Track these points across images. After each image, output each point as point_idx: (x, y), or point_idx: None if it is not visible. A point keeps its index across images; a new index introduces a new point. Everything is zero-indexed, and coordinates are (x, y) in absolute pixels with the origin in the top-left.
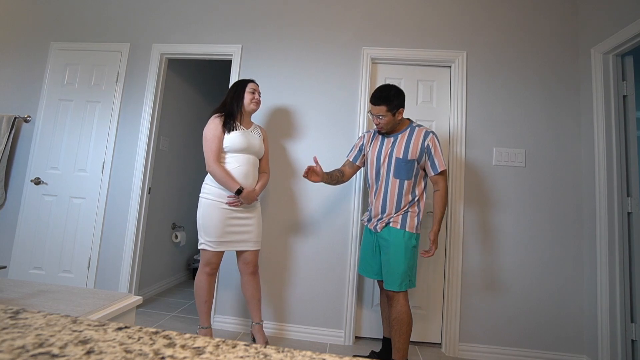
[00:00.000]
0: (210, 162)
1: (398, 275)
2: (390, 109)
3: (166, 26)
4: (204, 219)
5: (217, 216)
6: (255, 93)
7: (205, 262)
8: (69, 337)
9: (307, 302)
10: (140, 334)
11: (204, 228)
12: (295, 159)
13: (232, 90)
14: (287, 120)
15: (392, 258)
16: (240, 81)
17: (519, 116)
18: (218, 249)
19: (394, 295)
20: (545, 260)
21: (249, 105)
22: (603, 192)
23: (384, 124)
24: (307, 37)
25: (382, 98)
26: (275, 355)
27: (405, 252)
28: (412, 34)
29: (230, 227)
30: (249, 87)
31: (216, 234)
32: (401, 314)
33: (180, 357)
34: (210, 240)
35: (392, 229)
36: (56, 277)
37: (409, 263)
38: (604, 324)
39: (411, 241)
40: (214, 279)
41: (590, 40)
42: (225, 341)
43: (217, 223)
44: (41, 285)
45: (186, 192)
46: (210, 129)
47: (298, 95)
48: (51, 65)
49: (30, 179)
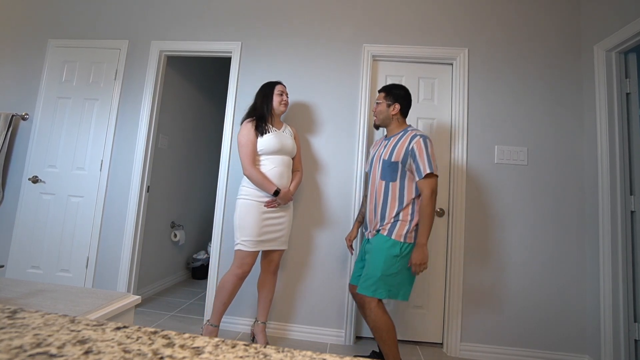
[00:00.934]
0: (247, 166)
1: (372, 280)
2: (386, 98)
3: (165, 23)
4: (242, 219)
5: (255, 216)
6: (284, 95)
7: (239, 263)
8: (67, 336)
9: (307, 301)
10: (139, 333)
11: (240, 228)
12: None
13: (261, 93)
14: (287, 118)
15: (370, 263)
16: (268, 84)
17: (521, 114)
18: (254, 249)
19: (365, 303)
20: (548, 259)
21: (278, 107)
22: (606, 190)
23: (377, 112)
24: (307, 34)
25: (385, 87)
26: (275, 355)
27: (385, 260)
28: (413, 30)
29: (266, 227)
30: (277, 89)
31: (254, 234)
32: (376, 322)
33: (179, 357)
34: (246, 239)
35: (379, 236)
36: (54, 277)
37: (386, 271)
38: (606, 323)
39: (394, 249)
40: (241, 283)
41: (593, 38)
42: (224, 341)
43: (255, 222)
44: (39, 284)
45: (185, 190)
46: (244, 134)
47: (298, 93)
48: (49, 63)
49: (28, 177)
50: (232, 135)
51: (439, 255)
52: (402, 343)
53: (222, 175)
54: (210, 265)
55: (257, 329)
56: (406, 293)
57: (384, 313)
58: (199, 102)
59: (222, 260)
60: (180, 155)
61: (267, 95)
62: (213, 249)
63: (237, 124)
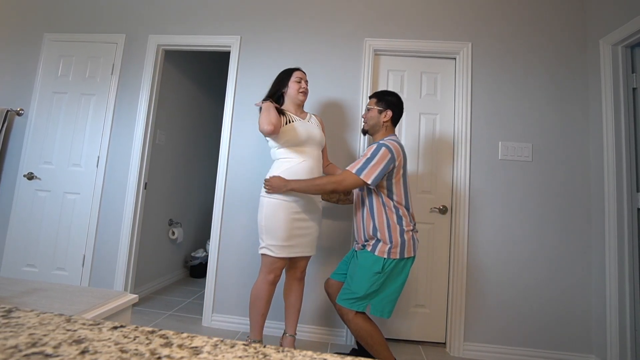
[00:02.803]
0: (262, 120)
1: (354, 297)
2: (378, 104)
3: (163, 17)
4: (269, 220)
5: (284, 217)
6: (302, 82)
7: (268, 269)
8: (63, 336)
9: (308, 301)
10: (136, 333)
11: (267, 231)
12: None
13: (277, 80)
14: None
15: (354, 279)
16: (285, 70)
17: (526, 109)
18: (281, 255)
19: (343, 314)
20: (553, 258)
21: (296, 95)
22: (612, 187)
23: (368, 117)
24: (308, 27)
25: (377, 93)
26: (275, 355)
27: (368, 278)
28: (415, 24)
29: (296, 230)
30: (294, 76)
31: (282, 237)
32: (359, 332)
33: (177, 357)
34: (273, 244)
35: (365, 251)
36: (50, 275)
37: (368, 289)
38: (612, 323)
39: (376, 266)
40: (274, 288)
41: (598, 31)
42: (223, 340)
43: (283, 225)
44: (34, 283)
45: (183, 187)
46: (265, 107)
47: None
48: (44, 57)
49: (23, 174)
50: (230, 131)
51: (441, 253)
52: (404, 343)
53: (221, 171)
54: (209, 263)
55: (285, 342)
56: (389, 311)
57: (364, 321)
58: (197, 98)
59: (221, 258)
60: (178, 152)
61: (283, 81)
62: (212, 247)
63: (236, 119)
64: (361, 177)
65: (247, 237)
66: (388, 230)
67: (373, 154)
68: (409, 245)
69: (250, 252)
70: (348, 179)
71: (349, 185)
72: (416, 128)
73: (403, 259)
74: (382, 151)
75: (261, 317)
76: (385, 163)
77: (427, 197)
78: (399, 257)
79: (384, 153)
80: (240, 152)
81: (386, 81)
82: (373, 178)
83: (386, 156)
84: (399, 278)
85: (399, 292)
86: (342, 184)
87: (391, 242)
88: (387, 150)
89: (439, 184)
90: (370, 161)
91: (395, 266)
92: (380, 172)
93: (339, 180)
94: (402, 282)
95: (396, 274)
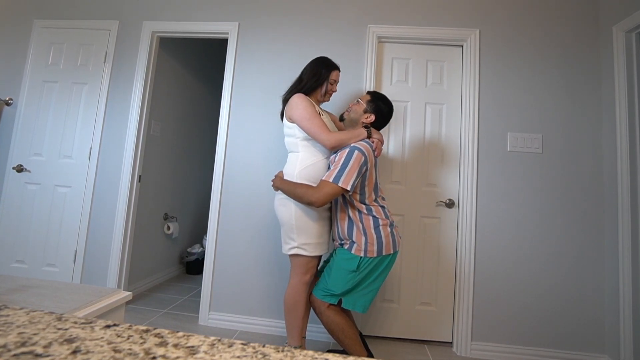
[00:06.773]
0: (325, 135)
1: (329, 293)
2: (368, 103)
3: (158, 3)
4: (300, 218)
5: (316, 214)
6: (335, 85)
7: (304, 269)
8: (53, 335)
9: None
10: (129, 332)
11: (299, 230)
12: None
13: (313, 70)
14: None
15: (331, 276)
16: (326, 62)
17: (536, 99)
18: (315, 253)
19: (315, 306)
20: (563, 254)
21: (323, 95)
22: (625, 180)
23: (352, 109)
24: (309, 13)
25: (375, 94)
26: (274, 355)
27: (344, 277)
28: (421, 10)
29: (326, 227)
30: (333, 75)
31: (316, 234)
32: (329, 325)
33: (172, 357)
34: (307, 242)
35: (342, 249)
36: (40, 272)
37: (343, 287)
38: (626, 322)
39: (351, 264)
40: (309, 289)
41: (611, 18)
42: (220, 340)
43: (317, 221)
44: (24, 280)
45: (179, 180)
46: (305, 106)
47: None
48: (34, 45)
49: (12, 166)
50: (228, 122)
51: (448, 248)
52: (410, 342)
53: (219, 163)
54: (206, 259)
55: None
56: (363, 305)
57: (335, 314)
58: (193, 87)
59: (218, 254)
60: (173, 143)
61: (319, 75)
62: (209, 243)
63: (234, 110)
64: (340, 185)
65: (246, 232)
66: (363, 232)
67: (347, 159)
68: (387, 242)
69: (249, 248)
70: (325, 188)
71: (327, 195)
72: (422, 118)
73: (381, 256)
74: (356, 155)
75: (302, 320)
76: (359, 167)
77: (432, 190)
78: (377, 255)
79: (358, 157)
80: (238, 143)
81: (390, 69)
82: (351, 184)
83: (360, 159)
84: (377, 275)
85: (377, 289)
86: (320, 196)
87: (366, 243)
88: (360, 154)
89: (445, 176)
90: (346, 167)
91: (372, 264)
92: (356, 176)
93: (317, 192)
94: (380, 280)
95: (373, 271)
